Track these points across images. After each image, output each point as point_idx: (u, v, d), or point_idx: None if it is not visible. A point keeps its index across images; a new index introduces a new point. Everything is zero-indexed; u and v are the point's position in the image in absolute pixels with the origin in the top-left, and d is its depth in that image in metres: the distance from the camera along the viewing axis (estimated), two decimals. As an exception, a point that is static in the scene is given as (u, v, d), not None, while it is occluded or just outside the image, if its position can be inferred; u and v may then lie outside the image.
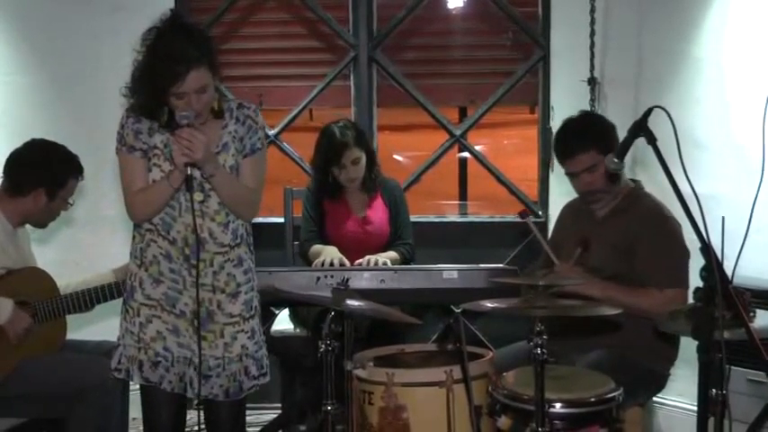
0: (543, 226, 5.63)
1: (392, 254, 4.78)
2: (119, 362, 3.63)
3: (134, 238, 3.63)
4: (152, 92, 3.41)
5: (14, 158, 4.30)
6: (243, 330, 3.60)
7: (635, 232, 4.05)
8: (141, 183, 3.53)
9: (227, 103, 3.60)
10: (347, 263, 4.65)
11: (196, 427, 3.71)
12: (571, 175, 4.17)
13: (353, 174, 4.80)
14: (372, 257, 4.65)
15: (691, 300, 3.12)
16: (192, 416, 3.90)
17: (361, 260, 4.65)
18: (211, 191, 3.51)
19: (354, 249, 4.76)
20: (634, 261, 4.02)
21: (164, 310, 3.56)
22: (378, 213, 4.93)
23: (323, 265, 4.61)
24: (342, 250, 4.76)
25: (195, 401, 3.67)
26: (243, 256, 3.62)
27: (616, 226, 4.12)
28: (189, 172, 3.38)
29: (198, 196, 3.48)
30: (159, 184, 3.48)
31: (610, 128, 4.15)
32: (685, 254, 4.01)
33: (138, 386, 3.69)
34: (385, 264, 4.61)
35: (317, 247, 4.83)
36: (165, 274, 3.55)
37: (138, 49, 3.42)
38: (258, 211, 3.68)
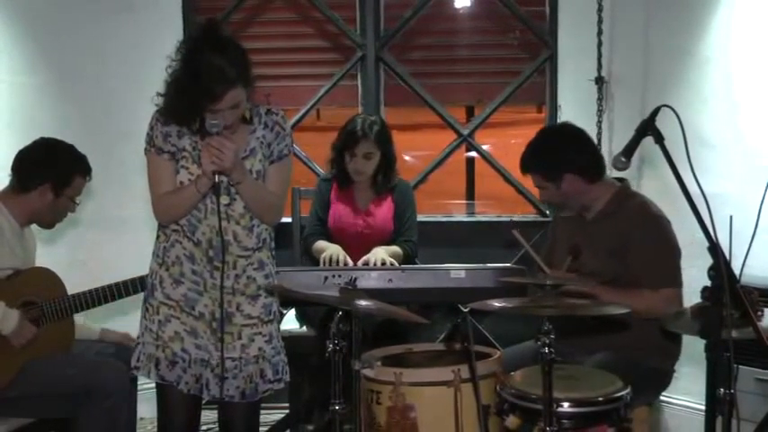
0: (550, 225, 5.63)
1: (396, 248, 4.80)
2: (138, 359, 3.64)
3: (158, 237, 3.64)
4: (186, 105, 3.41)
5: (22, 156, 4.31)
6: (260, 333, 3.62)
7: (624, 234, 4.03)
8: (168, 185, 3.54)
9: (255, 108, 3.61)
10: (350, 262, 4.69)
11: (205, 427, 3.71)
12: None
13: (361, 167, 4.84)
14: (378, 250, 4.67)
15: (692, 298, 3.12)
16: (205, 416, 3.89)
17: (367, 256, 4.67)
18: (237, 194, 3.53)
19: (354, 244, 4.80)
20: (626, 263, 4.01)
21: (182, 312, 3.57)
22: (382, 211, 4.94)
23: (329, 260, 4.67)
24: (342, 244, 4.80)
25: (204, 401, 3.68)
26: (264, 261, 3.64)
27: (606, 229, 4.10)
28: (217, 180, 3.40)
29: (224, 199, 3.50)
30: (186, 190, 3.49)
31: (558, 154, 4.14)
32: (676, 252, 4.01)
33: (146, 386, 3.69)
34: (391, 262, 4.63)
35: (321, 244, 4.87)
36: (186, 275, 3.56)
37: (174, 58, 3.41)
38: (282, 216, 3.71)
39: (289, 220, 5.22)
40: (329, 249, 4.75)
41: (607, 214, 4.13)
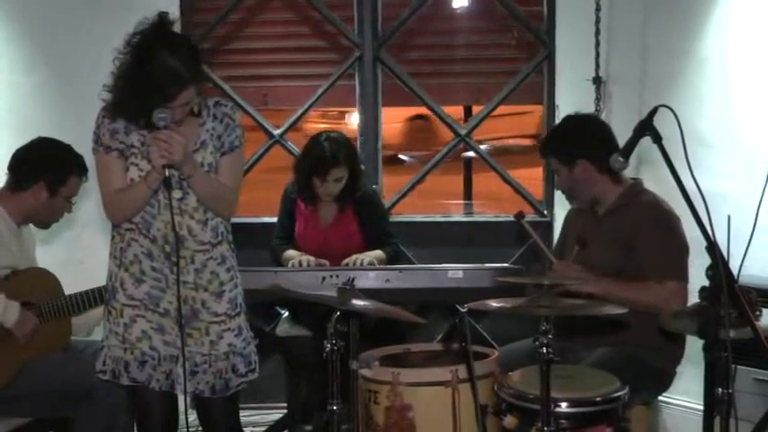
0: (548, 225, 5.64)
1: (378, 253, 4.79)
2: (104, 363, 3.61)
3: (113, 237, 3.59)
4: (137, 104, 3.36)
5: (19, 154, 4.32)
6: (229, 329, 3.58)
7: (634, 227, 4.06)
8: (119, 183, 3.49)
9: (204, 101, 3.54)
10: (326, 263, 4.68)
11: (189, 424, 3.70)
12: None
13: (332, 189, 4.81)
14: (359, 257, 4.68)
15: (694, 297, 3.12)
16: (185, 415, 3.87)
17: (347, 259, 4.67)
18: (190, 188, 3.49)
19: (318, 258, 4.77)
20: (634, 256, 4.03)
21: (147, 310, 3.54)
22: (345, 226, 4.92)
23: (299, 264, 4.66)
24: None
25: (191, 402, 3.67)
26: (226, 254, 3.60)
27: (616, 222, 4.13)
28: (167, 174, 3.34)
29: (176, 194, 3.45)
30: (137, 186, 3.45)
31: (574, 139, 4.22)
32: (684, 248, 4.02)
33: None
34: (371, 263, 4.64)
35: (290, 252, 4.86)
36: (147, 272, 3.53)
37: (123, 51, 3.38)
38: (236, 209, 3.65)
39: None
40: (299, 255, 4.76)
41: (618, 208, 4.17)
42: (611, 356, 3.92)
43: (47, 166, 4.26)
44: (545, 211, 5.78)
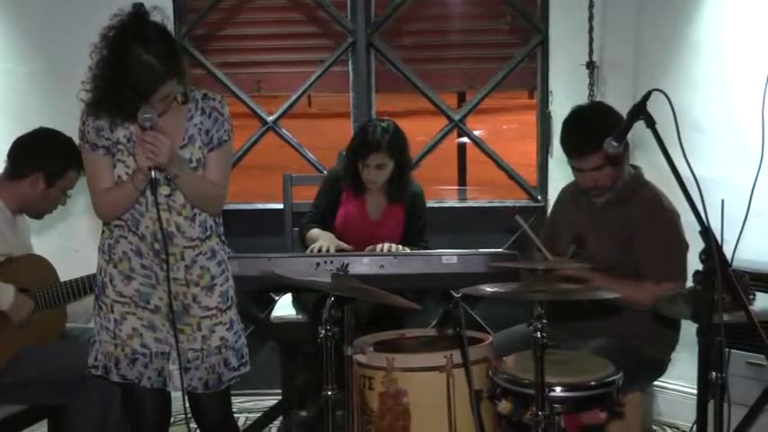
0: (542, 211, 5.64)
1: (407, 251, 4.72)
2: (95, 359, 3.61)
3: (103, 232, 3.59)
4: (116, 101, 3.31)
5: (19, 142, 4.31)
6: (221, 322, 3.58)
7: (633, 223, 4.02)
8: (107, 181, 3.46)
9: (192, 93, 3.50)
10: (346, 247, 4.63)
11: (181, 416, 3.68)
12: (577, 169, 4.13)
13: (374, 177, 4.75)
14: (386, 245, 4.63)
15: (688, 283, 3.12)
16: (176, 407, 3.86)
17: (373, 246, 4.62)
18: (176, 187, 3.46)
19: (358, 248, 4.69)
20: (632, 253, 4.00)
21: (138, 307, 3.53)
22: (392, 221, 4.87)
23: (319, 251, 4.54)
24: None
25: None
26: (215, 248, 3.58)
27: (615, 216, 4.09)
28: (153, 176, 3.31)
29: (164, 190, 3.44)
30: (124, 187, 3.42)
31: (618, 120, 3.97)
32: (683, 246, 3.99)
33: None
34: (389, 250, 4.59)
35: (314, 232, 4.78)
36: (136, 270, 3.51)
37: (99, 46, 3.31)
38: (223, 205, 3.62)
39: (281, 206, 5.21)
40: (321, 240, 4.66)
41: (618, 201, 4.11)
42: (605, 346, 3.90)
43: (47, 157, 4.25)
44: (539, 197, 5.79)
